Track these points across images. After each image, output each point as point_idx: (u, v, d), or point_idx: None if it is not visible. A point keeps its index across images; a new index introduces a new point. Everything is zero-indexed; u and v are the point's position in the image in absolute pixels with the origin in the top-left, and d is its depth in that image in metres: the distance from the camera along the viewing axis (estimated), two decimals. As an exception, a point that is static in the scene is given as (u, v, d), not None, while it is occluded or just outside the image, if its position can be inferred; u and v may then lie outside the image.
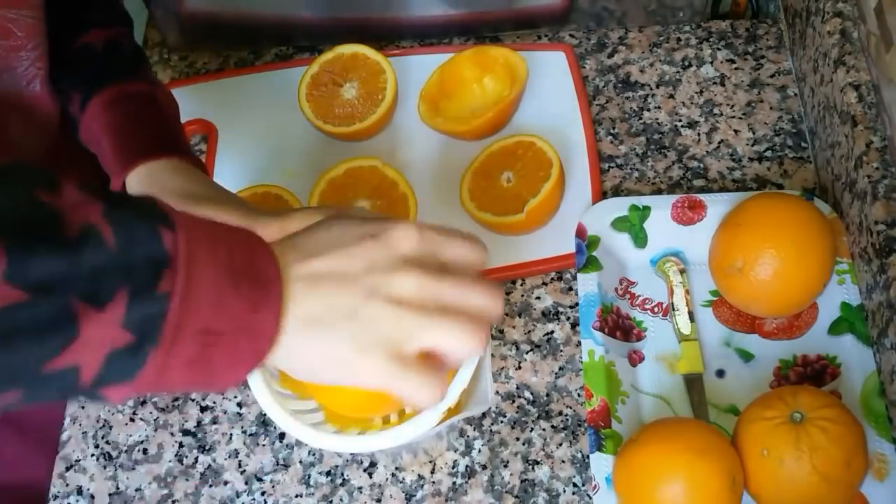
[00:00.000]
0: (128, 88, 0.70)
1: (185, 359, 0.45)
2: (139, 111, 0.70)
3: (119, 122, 0.69)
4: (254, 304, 0.46)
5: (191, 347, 0.45)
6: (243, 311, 0.46)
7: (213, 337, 0.45)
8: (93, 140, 0.70)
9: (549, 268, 0.80)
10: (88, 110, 0.69)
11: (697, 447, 0.63)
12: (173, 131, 0.71)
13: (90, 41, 0.71)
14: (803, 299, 0.72)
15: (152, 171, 0.67)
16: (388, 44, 0.95)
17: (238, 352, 0.47)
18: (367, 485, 0.73)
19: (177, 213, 0.46)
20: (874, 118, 0.71)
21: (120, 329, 0.42)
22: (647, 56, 0.91)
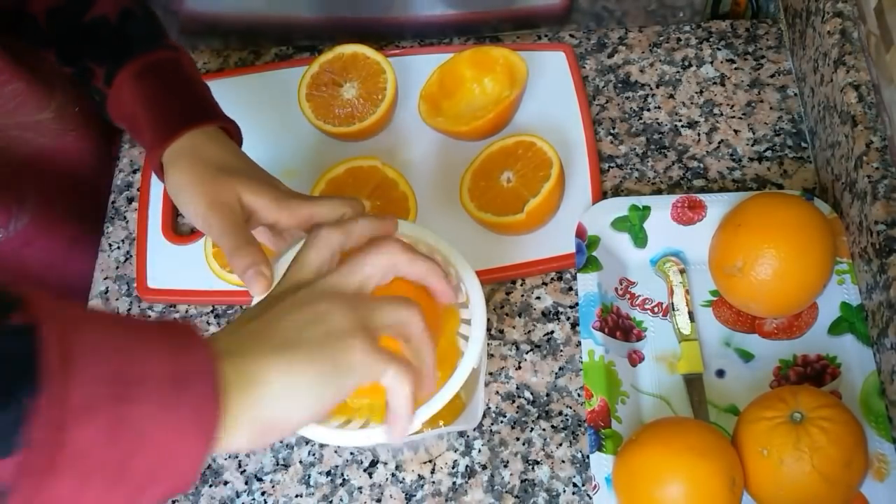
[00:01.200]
0: (154, 58, 0.69)
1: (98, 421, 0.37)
2: (169, 81, 0.69)
3: (151, 95, 0.68)
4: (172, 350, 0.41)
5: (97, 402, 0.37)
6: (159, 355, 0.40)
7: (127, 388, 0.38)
8: (124, 114, 0.70)
9: (549, 268, 0.80)
10: (116, 84, 0.69)
11: (697, 447, 0.63)
12: (204, 96, 0.71)
13: (102, 13, 0.71)
14: (803, 299, 0.72)
15: (192, 140, 0.66)
16: (388, 44, 0.95)
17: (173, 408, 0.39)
18: (367, 485, 0.73)
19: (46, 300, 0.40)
20: (874, 118, 0.71)
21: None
22: (647, 56, 0.91)
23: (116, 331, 0.40)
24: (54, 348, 0.37)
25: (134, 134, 0.71)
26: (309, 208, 0.64)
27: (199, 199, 0.64)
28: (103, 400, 0.38)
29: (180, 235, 0.86)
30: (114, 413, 0.38)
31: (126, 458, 0.38)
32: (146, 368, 0.39)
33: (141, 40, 0.70)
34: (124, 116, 0.70)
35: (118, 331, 0.41)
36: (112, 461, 0.38)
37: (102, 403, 0.38)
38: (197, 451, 0.41)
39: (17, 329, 0.37)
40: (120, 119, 0.71)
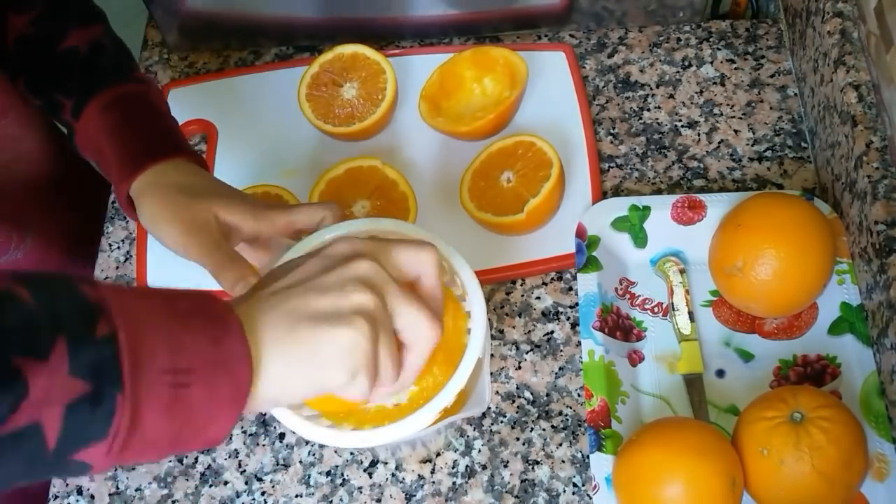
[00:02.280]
0: (121, 91, 0.70)
1: (160, 405, 0.43)
2: (136, 114, 0.70)
3: (118, 128, 0.68)
4: (214, 338, 0.45)
5: (160, 390, 0.43)
6: (204, 345, 0.45)
7: (183, 376, 0.44)
8: (91, 147, 0.70)
9: (549, 268, 0.80)
10: (84, 117, 0.69)
11: (697, 447, 0.63)
12: (171, 130, 0.71)
13: (73, 45, 0.70)
14: (803, 299, 0.72)
15: (158, 173, 0.67)
16: (388, 44, 0.95)
17: (217, 388, 0.45)
18: (367, 485, 0.73)
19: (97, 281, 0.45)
20: (874, 118, 0.71)
21: (70, 378, 0.41)
22: (647, 56, 0.91)
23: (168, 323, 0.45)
24: (128, 351, 0.42)
25: (102, 167, 0.70)
26: (287, 216, 0.64)
27: (175, 226, 0.64)
28: (164, 388, 0.44)
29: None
30: (172, 398, 0.44)
31: (180, 430, 0.45)
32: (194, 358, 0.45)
33: (109, 73, 0.70)
34: (91, 150, 0.70)
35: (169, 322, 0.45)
36: (170, 433, 0.45)
37: (164, 392, 0.44)
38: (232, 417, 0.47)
39: (105, 339, 0.42)
40: (87, 152, 0.71)
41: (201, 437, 0.46)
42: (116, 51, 0.73)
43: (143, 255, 0.85)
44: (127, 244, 0.87)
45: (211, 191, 0.66)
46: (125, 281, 0.85)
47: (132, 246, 0.87)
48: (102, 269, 0.86)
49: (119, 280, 0.85)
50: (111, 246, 0.87)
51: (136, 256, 0.85)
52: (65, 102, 0.70)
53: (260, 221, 0.64)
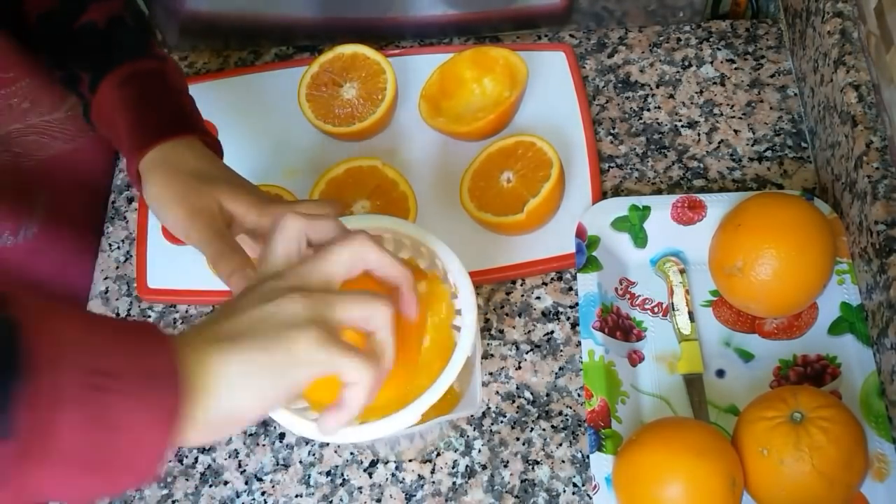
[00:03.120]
0: (138, 67, 0.69)
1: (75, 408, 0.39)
2: (152, 90, 0.69)
3: (133, 103, 0.68)
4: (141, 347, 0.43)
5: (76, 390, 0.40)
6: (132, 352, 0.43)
7: (104, 378, 0.41)
8: (105, 121, 0.70)
9: (549, 268, 0.80)
10: (100, 91, 0.69)
11: (697, 447, 0.63)
12: (186, 108, 0.71)
13: (91, 19, 0.70)
14: (803, 299, 0.72)
15: (168, 151, 0.66)
16: (388, 44, 0.95)
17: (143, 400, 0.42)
18: (367, 485, 0.73)
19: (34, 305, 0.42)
20: (874, 118, 0.71)
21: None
22: (647, 56, 0.91)
23: (94, 328, 0.43)
24: (40, 340, 0.39)
25: (114, 142, 0.70)
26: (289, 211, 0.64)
27: (179, 209, 0.64)
28: (87, 390, 0.40)
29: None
30: (96, 403, 0.40)
31: (103, 446, 0.41)
32: (122, 364, 0.42)
33: (127, 48, 0.70)
34: (105, 124, 0.70)
35: (95, 328, 0.43)
36: (92, 449, 0.40)
37: (86, 393, 0.40)
38: (163, 441, 0.43)
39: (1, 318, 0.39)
40: (101, 126, 0.71)
41: (133, 461, 0.43)
42: (136, 26, 0.73)
43: (142, 255, 0.85)
44: (127, 244, 0.87)
45: (219, 177, 0.66)
46: (125, 280, 0.85)
47: (132, 246, 0.87)
48: (102, 270, 0.86)
49: (119, 280, 0.85)
50: (111, 246, 0.87)
51: (136, 256, 0.85)
52: (82, 76, 0.70)
53: (262, 215, 0.64)
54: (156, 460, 0.43)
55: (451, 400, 0.59)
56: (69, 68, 0.71)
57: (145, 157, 0.66)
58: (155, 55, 0.71)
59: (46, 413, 0.39)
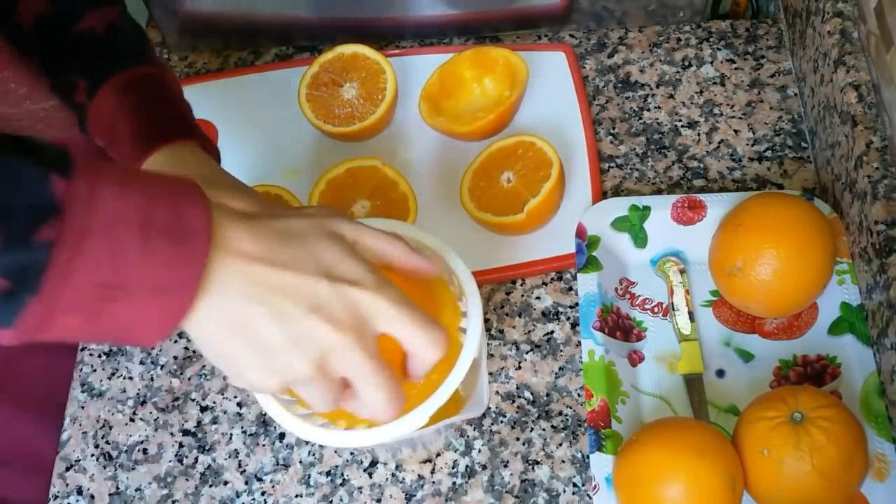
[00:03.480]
0: (138, 73, 0.69)
1: (77, 310, 0.44)
2: (151, 96, 0.69)
3: (133, 108, 0.68)
4: (165, 262, 0.45)
5: (81, 300, 0.43)
6: (154, 266, 0.44)
7: (110, 292, 0.44)
8: (103, 127, 0.69)
9: (549, 268, 0.80)
10: (98, 97, 0.68)
11: (697, 447, 0.63)
12: (185, 114, 0.71)
13: (89, 26, 0.70)
14: (803, 299, 0.72)
15: (170, 155, 0.66)
16: (388, 44, 0.95)
17: (141, 311, 0.45)
18: (367, 485, 0.73)
19: (91, 161, 0.44)
20: (874, 118, 0.71)
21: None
22: (647, 56, 0.91)
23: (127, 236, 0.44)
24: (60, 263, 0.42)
25: (112, 148, 0.70)
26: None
27: None
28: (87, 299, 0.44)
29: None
30: (94, 309, 0.44)
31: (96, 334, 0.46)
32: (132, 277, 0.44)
33: (126, 55, 0.70)
34: (103, 129, 0.70)
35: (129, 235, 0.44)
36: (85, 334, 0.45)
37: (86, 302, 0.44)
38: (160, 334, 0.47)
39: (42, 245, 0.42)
40: (98, 132, 0.70)
41: (119, 341, 0.47)
42: (133, 33, 0.73)
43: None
44: (127, 244, 0.87)
45: (218, 183, 0.66)
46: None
47: (132, 246, 0.87)
48: (102, 269, 0.86)
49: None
50: (111, 246, 0.87)
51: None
52: (79, 83, 0.69)
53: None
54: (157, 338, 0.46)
55: (456, 402, 0.59)
56: (65, 75, 0.70)
57: (148, 159, 0.66)
58: (154, 62, 0.72)
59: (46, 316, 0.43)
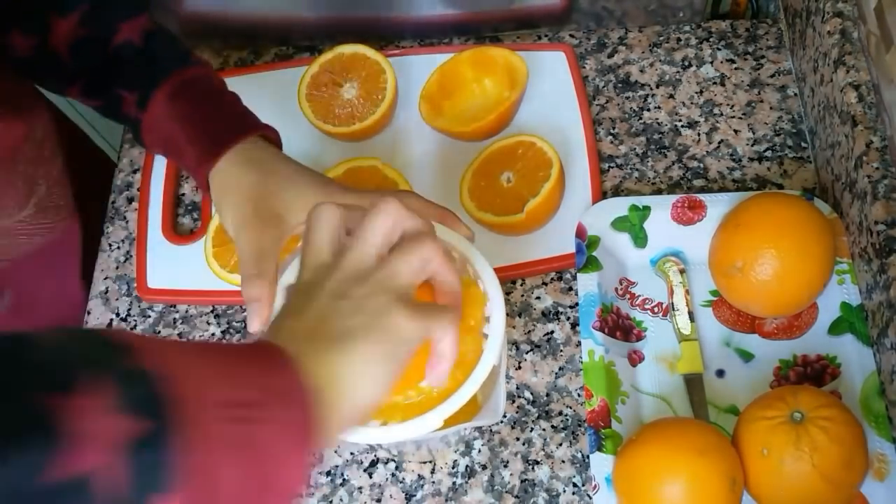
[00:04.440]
0: (185, 76, 0.69)
1: (224, 441, 0.40)
2: (204, 98, 0.69)
3: (189, 114, 0.68)
4: (265, 368, 0.45)
5: (221, 424, 0.40)
6: (258, 375, 0.44)
7: (245, 409, 0.41)
8: (161, 136, 0.69)
9: (549, 268, 0.80)
10: (151, 107, 0.68)
11: (697, 447, 0.63)
12: (239, 108, 0.70)
13: (127, 38, 0.69)
14: (803, 299, 0.72)
15: (237, 156, 0.66)
16: (388, 44, 0.95)
17: (287, 419, 0.43)
18: (367, 485, 0.73)
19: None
20: (874, 118, 0.71)
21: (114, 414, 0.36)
22: (647, 56, 0.91)
23: (214, 359, 0.43)
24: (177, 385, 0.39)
25: (173, 156, 0.70)
26: (355, 197, 0.64)
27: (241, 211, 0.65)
28: (233, 424, 0.40)
29: (180, 235, 0.86)
30: (244, 436, 0.40)
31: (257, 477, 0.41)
32: (254, 391, 0.42)
33: (170, 60, 0.70)
34: (161, 139, 0.69)
35: (216, 358, 0.43)
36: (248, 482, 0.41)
37: (233, 428, 0.40)
38: (308, 456, 0.44)
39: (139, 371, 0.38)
40: (156, 143, 0.70)
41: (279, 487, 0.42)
42: (168, 36, 0.72)
43: (142, 255, 0.85)
44: (127, 244, 0.87)
45: (282, 173, 0.66)
46: (125, 280, 0.85)
47: (132, 246, 0.87)
48: (102, 269, 0.86)
49: (119, 280, 0.85)
50: (111, 246, 0.87)
51: (136, 256, 0.85)
52: (126, 97, 0.69)
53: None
54: (303, 477, 0.44)
55: (472, 407, 0.58)
56: (110, 92, 0.69)
57: (216, 165, 0.66)
58: (196, 61, 0.71)
59: (202, 457, 0.38)
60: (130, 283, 0.85)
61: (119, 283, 0.85)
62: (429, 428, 0.55)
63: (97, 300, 0.85)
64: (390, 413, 0.56)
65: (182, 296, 0.83)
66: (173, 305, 0.83)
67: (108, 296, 0.85)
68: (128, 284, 0.85)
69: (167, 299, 0.83)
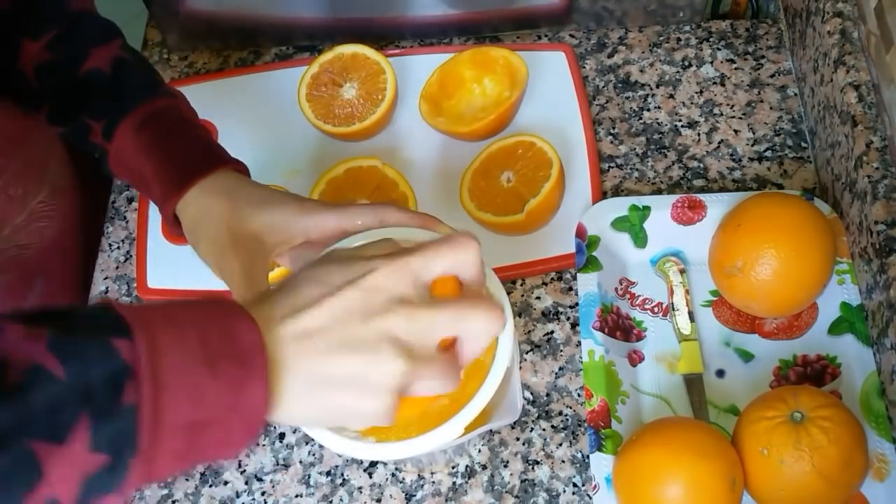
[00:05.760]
0: (153, 107, 0.68)
1: (174, 453, 0.44)
2: (171, 129, 0.68)
3: (156, 147, 0.66)
4: (237, 384, 0.45)
5: (176, 443, 0.44)
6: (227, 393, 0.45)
7: (200, 427, 0.44)
8: (128, 168, 0.68)
9: (549, 268, 0.80)
10: (117, 138, 0.67)
11: (697, 447, 0.63)
12: (208, 142, 0.69)
13: (95, 66, 0.68)
14: (803, 299, 0.72)
15: (204, 189, 0.65)
16: (388, 44, 0.95)
17: (231, 431, 0.45)
18: (367, 485, 0.73)
19: (136, 311, 0.44)
20: (874, 118, 0.71)
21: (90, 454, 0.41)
22: (647, 56, 0.91)
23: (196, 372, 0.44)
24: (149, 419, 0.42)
25: (140, 188, 0.69)
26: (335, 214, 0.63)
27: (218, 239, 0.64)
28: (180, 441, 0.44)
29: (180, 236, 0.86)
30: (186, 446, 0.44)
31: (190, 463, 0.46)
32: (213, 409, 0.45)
33: (137, 90, 0.69)
34: (128, 170, 0.68)
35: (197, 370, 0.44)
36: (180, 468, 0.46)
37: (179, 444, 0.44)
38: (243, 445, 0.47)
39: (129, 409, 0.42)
40: (123, 174, 0.69)
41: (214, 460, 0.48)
42: (139, 65, 0.71)
43: (142, 255, 0.85)
44: (127, 244, 0.87)
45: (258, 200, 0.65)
46: (125, 280, 0.85)
47: (132, 246, 0.87)
48: (102, 270, 0.86)
49: (119, 280, 0.85)
50: (111, 246, 0.87)
51: (136, 256, 0.85)
52: (93, 126, 0.68)
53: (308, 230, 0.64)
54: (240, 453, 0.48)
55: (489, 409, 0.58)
56: (77, 120, 0.68)
57: (182, 198, 0.65)
58: (165, 91, 0.70)
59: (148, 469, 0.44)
60: (130, 283, 0.85)
61: (119, 283, 0.85)
62: (450, 437, 0.55)
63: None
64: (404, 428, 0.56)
65: (182, 296, 0.83)
66: (173, 305, 0.83)
67: (108, 296, 0.85)
68: (128, 284, 0.85)
69: (167, 299, 0.83)
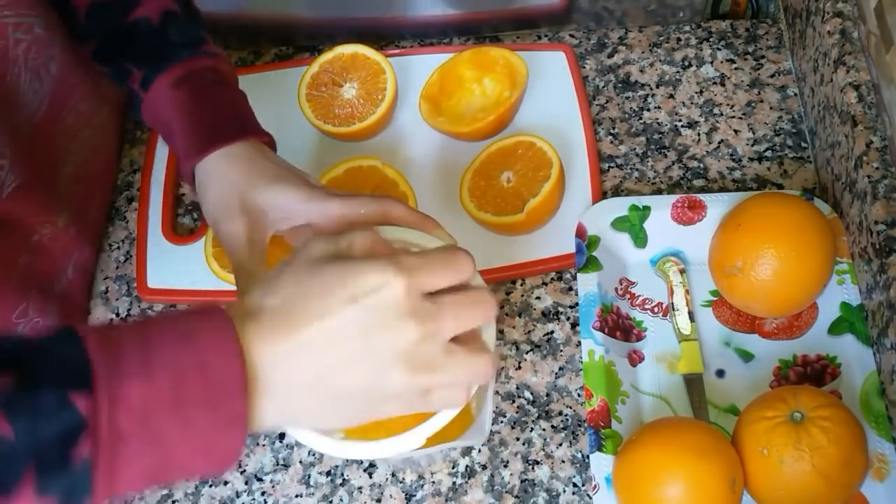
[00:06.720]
0: (193, 66, 0.68)
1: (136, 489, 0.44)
2: (206, 92, 0.68)
3: (188, 106, 0.67)
4: (210, 431, 0.45)
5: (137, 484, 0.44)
6: (197, 440, 0.44)
7: (165, 470, 0.44)
8: (158, 120, 0.69)
9: (549, 268, 0.80)
10: (153, 89, 0.68)
11: (697, 447, 0.63)
12: (241, 109, 0.70)
13: (145, 14, 0.69)
14: (803, 299, 0.72)
15: (224, 154, 0.66)
16: (388, 44, 0.95)
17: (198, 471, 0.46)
18: (367, 485, 0.73)
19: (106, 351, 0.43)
20: (874, 118, 0.71)
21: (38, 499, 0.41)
22: (647, 56, 0.91)
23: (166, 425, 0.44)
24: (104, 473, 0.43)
25: (168, 139, 0.70)
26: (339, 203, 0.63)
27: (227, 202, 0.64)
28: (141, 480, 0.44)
29: (180, 235, 0.86)
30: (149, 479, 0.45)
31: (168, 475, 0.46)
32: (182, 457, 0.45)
33: (181, 46, 0.69)
34: (159, 122, 0.69)
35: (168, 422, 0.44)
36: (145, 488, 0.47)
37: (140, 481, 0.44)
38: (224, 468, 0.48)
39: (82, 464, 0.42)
40: (154, 124, 0.70)
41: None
42: (187, 20, 0.71)
43: (142, 255, 0.85)
44: (127, 244, 0.87)
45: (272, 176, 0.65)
46: (125, 280, 0.85)
47: (132, 246, 0.87)
48: (102, 270, 0.86)
49: (119, 280, 0.85)
50: (111, 246, 0.87)
51: (136, 256, 0.85)
52: (133, 72, 0.69)
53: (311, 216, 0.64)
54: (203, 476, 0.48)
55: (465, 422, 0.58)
56: (119, 63, 0.70)
57: (204, 159, 0.66)
58: (208, 52, 0.70)
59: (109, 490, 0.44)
60: (130, 283, 0.85)
61: (119, 283, 0.85)
62: (410, 446, 0.54)
63: (97, 300, 0.84)
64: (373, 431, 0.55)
65: (182, 296, 0.83)
66: (173, 305, 0.83)
67: (109, 296, 0.85)
68: (128, 284, 0.85)
69: (167, 299, 0.83)
